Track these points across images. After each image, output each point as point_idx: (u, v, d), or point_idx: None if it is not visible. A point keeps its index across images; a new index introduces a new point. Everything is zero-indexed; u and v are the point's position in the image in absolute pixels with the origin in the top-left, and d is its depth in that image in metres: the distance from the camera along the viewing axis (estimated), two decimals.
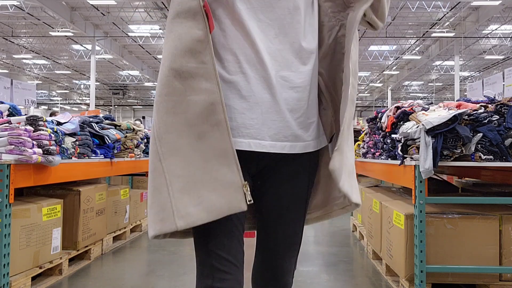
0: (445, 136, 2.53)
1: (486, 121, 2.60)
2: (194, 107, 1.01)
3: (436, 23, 18.03)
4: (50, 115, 2.76)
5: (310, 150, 1.16)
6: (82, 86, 31.53)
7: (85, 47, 21.50)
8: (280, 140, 1.09)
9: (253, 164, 1.12)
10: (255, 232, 1.29)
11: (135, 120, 6.43)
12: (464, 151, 2.57)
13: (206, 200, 0.99)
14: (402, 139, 2.78)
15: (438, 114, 2.65)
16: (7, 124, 2.60)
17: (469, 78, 27.63)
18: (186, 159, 1.01)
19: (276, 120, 1.08)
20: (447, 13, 16.68)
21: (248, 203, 1.00)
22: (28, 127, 2.64)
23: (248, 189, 1.01)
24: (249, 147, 1.07)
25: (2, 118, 2.73)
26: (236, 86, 1.07)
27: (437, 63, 24.34)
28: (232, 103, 1.07)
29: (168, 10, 1.10)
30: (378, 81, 29.99)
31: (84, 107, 35.02)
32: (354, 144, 5.69)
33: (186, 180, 1.00)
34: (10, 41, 20.32)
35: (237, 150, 1.02)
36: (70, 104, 36.06)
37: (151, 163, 1.05)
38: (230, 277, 1.04)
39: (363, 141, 4.51)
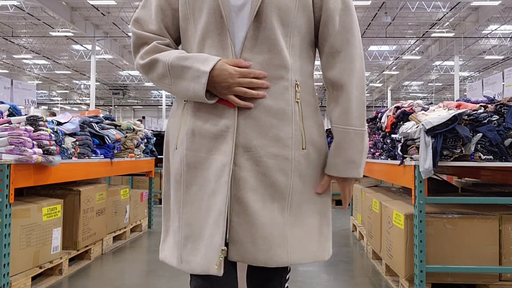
0: (445, 136, 2.54)
1: (485, 121, 2.60)
2: (214, 165, 1.11)
3: (436, 23, 18.05)
4: (52, 115, 2.76)
5: None
6: (82, 86, 31.53)
7: (85, 47, 21.51)
8: None
9: None
10: None
11: (137, 120, 6.44)
12: (464, 151, 2.57)
13: (199, 256, 1.11)
14: (402, 139, 2.78)
15: (438, 114, 2.65)
16: (7, 124, 2.60)
17: (469, 78, 27.63)
18: (198, 211, 1.13)
19: None
20: (447, 13, 16.69)
21: (216, 268, 1.07)
22: (28, 127, 2.64)
23: (225, 255, 1.08)
24: None
25: (2, 118, 2.74)
26: None
27: (437, 63, 24.35)
28: None
29: None
30: (378, 81, 30.00)
31: (84, 107, 35.03)
32: None
33: (192, 229, 1.14)
34: (10, 41, 20.33)
35: None
36: (70, 104, 36.06)
37: (173, 196, 1.20)
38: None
39: None
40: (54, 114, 5.41)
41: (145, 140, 4.86)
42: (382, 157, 3.52)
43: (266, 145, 1.11)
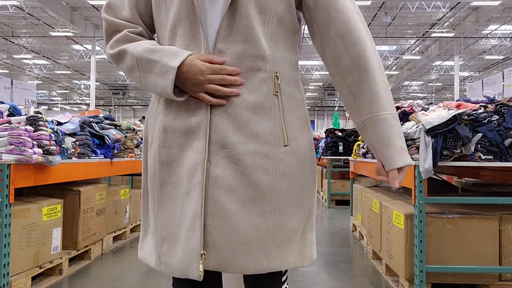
0: (445, 136, 2.54)
1: (485, 121, 2.60)
2: (186, 163, 1.05)
3: (436, 23, 18.05)
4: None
5: None
6: (82, 86, 31.54)
7: (85, 47, 21.51)
8: None
9: None
10: None
11: (138, 120, 6.44)
12: (464, 151, 2.57)
13: (176, 258, 1.05)
14: None
15: (438, 114, 2.65)
16: (7, 124, 2.60)
17: (469, 78, 27.64)
18: (173, 211, 1.07)
19: None
20: (447, 13, 16.70)
21: (200, 274, 1.01)
22: (28, 127, 2.64)
23: (204, 258, 1.02)
24: None
25: (2, 118, 2.74)
26: None
27: (437, 63, 24.35)
28: None
29: None
30: None
31: (84, 107, 35.04)
32: (354, 144, 5.72)
33: (168, 231, 1.08)
34: (10, 41, 20.34)
35: None
36: (70, 104, 36.06)
37: (149, 194, 1.15)
38: None
39: (363, 141, 4.51)
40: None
41: None
42: None
43: (243, 141, 1.02)
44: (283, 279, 1.22)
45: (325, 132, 7.78)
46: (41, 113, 2.80)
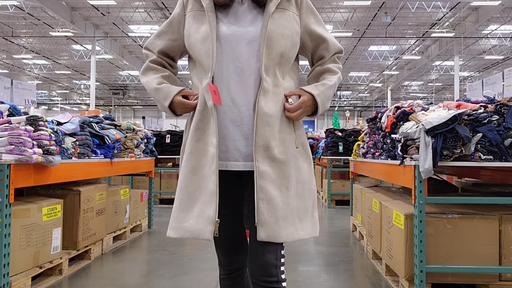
0: (444, 136, 2.54)
1: (485, 121, 2.60)
2: (206, 155, 1.44)
3: (436, 23, 18.04)
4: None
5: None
6: (82, 86, 31.52)
7: (85, 47, 21.51)
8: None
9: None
10: None
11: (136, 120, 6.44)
12: (463, 151, 2.57)
13: (188, 223, 1.43)
14: (402, 139, 2.78)
15: (438, 114, 2.65)
16: (7, 124, 2.60)
17: (469, 78, 27.63)
18: (190, 189, 1.45)
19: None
20: (447, 13, 16.69)
21: (214, 235, 1.40)
22: (28, 127, 2.64)
23: (218, 225, 1.40)
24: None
25: (2, 118, 2.74)
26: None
27: (437, 63, 24.34)
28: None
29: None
30: (378, 81, 29.99)
31: (84, 107, 35.03)
32: (354, 144, 5.72)
33: (183, 202, 1.46)
34: (10, 41, 20.33)
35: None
36: (70, 104, 36.05)
37: (183, 180, 1.50)
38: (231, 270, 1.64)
39: (363, 141, 4.51)
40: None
41: (145, 140, 4.86)
42: (382, 157, 3.53)
43: (276, 145, 1.43)
44: (283, 252, 1.49)
45: (325, 132, 7.78)
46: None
